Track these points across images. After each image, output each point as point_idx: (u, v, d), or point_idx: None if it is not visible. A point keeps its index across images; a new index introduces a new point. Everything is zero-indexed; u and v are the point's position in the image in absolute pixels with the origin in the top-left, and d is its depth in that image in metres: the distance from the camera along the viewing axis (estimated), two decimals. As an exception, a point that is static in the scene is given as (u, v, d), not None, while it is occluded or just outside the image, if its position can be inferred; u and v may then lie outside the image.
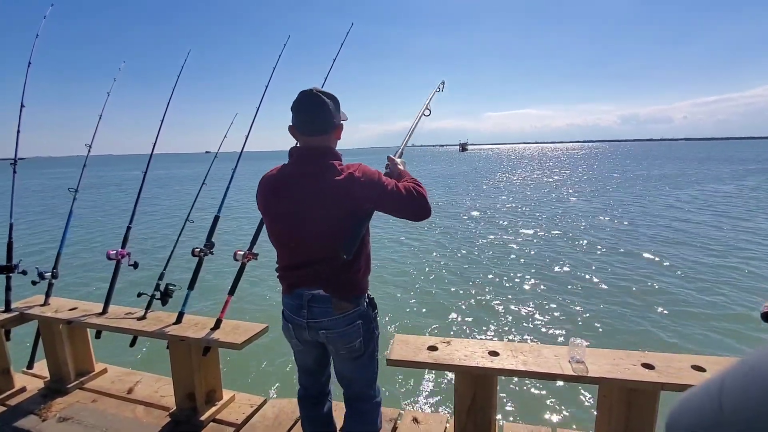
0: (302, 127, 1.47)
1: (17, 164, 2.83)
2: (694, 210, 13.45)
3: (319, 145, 1.46)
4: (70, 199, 2.85)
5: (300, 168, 1.45)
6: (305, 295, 1.47)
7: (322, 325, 1.47)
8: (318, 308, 1.47)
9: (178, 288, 2.48)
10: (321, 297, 1.46)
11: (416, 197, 1.44)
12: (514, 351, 1.90)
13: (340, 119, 1.51)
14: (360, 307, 1.51)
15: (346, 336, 1.49)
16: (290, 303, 1.53)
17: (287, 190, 1.44)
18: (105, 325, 2.35)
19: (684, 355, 1.85)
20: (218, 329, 2.16)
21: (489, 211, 14.41)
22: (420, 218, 1.47)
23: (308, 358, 1.64)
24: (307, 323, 1.48)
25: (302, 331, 1.52)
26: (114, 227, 12.16)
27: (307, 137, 1.47)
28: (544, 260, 8.06)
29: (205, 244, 2.40)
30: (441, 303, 5.95)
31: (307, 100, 1.44)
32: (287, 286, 1.53)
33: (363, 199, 1.41)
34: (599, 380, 1.72)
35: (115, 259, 2.56)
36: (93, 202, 18.75)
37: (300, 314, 1.49)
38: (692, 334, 4.81)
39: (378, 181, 1.42)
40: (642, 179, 24.94)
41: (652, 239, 9.57)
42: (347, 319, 1.48)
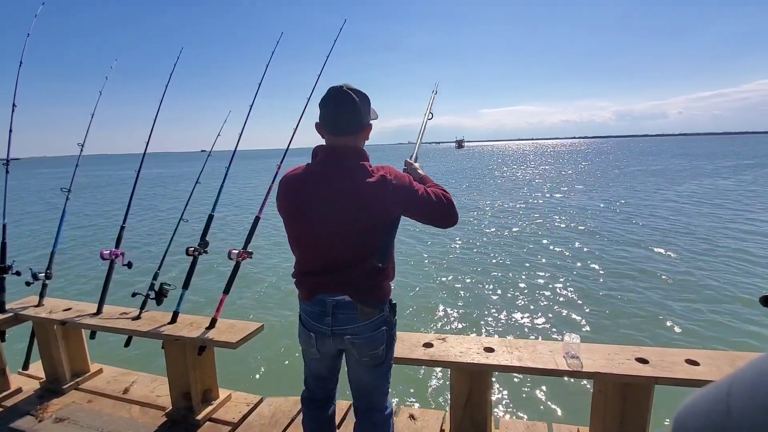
0: (330, 126, 1.40)
1: (10, 164, 2.81)
2: (689, 204, 13.52)
3: (348, 144, 1.40)
4: (63, 199, 2.84)
5: (327, 168, 1.38)
6: (329, 301, 1.40)
7: (348, 332, 1.41)
8: (343, 315, 1.40)
9: (172, 287, 2.47)
10: (346, 303, 1.39)
11: (445, 204, 1.41)
12: (509, 347, 1.91)
13: (369, 118, 1.45)
14: (384, 313, 1.46)
15: (372, 342, 1.43)
16: (311, 310, 1.44)
17: (313, 190, 1.37)
18: (99, 325, 2.35)
19: (678, 349, 1.86)
20: (213, 328, 2.16)
21: (484, 207, 14.43)
22: (448, 225, 1.44)
23: (322, 366, 1.58)
24: (332, 331, 1.41)
25: (325, 340, 1.44)
26: (108, 227, 12.10)
27: (334, 136, 1.40)
28: (540, 255, 8.08)
29: (200, 243, 2.40)
30: (438, 299, 5.96)
31: (337, 98, 1.37)
32: (308, 292, 1.44)
33: (394, 203, 1.36)
34: (594, 375, 1.73)
35: (109, 259, 2.56)
36: (87, 202, 18.63)
37: (323, 322, 1.41)
38: (688, 328, 4.84)
39: (410, 186, 1.38)
40: (637, 175, 25.01)
41: (647, 234, 9.62)
42: (373, 324, 1.42)
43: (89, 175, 42.81)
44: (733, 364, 1.73)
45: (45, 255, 2.74)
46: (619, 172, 27.27)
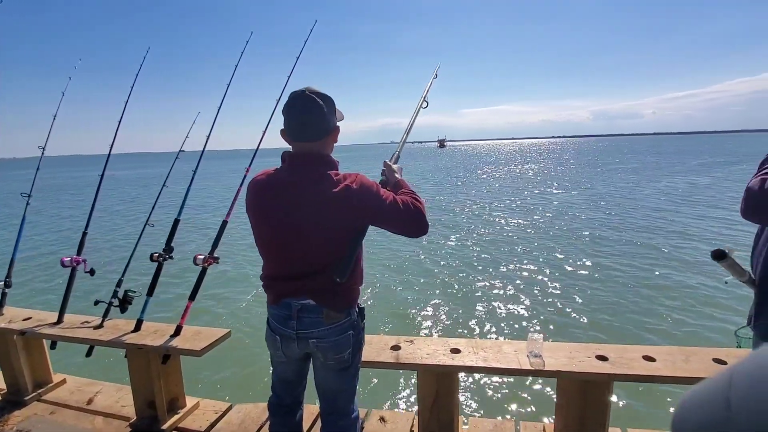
0: (294, 133, 1.37)
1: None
2: (654, 203, 13.83)
3: (313, 151, 1.38)
4: (23, 204, 2.74)
5: (293, 175, 1.36)
6: (294, 305, 1.39)
7: (313, 335, 1.40)
8: (308, 318, 1.39)
9: (137, 294, 2.41)
10: (311, 307, 1.38)
11: (414, 213, 1.37)
12: (475, 347, 1.93)
13: (335, 121, 1.43)
14: (351, 317, 1.45)
15: (337, 346, 1.43)
16: (277, 313, 1.44)
17: (280, 197, 1.36)
18: (60, 335, 2.27)
19: (636, 346, 1.92)
20: (178, 336, 2.12)
21: (455, 208, 14.48)
22: (417, 235, 1.40)
23: (289, 370, 1.57)
24: (297, 334, 1.40)
25: (290, 343, 1.43)
26: (73, 232, 11.66)
27: (300, 143, 1.38)
28: (510, 255, 8.15)
29: (164, 248, 2.35)
30: (409, 301, 5.95)
31: (300, 104, 1.34)
32: (274, 296, 1.44)
33: (359, 213, 1.35)
34: (555, 373, 1.76)
35: (70, 266, 2.48)
36: (50, 206, 17.88)
37: (288, 325, 1.41)
38: (648, 325, 4.96)
39: (375, 195, 1.35)
40: (612, 173, 25.58)
41: (616, 232, 9.78)
42: (339, 329, 1.42)
43: (60, 177, 41.32)
44: (687, 360, 1.79)
45: (4, 263, 2.64)
46: (596, 171, 27.87)
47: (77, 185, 29.15)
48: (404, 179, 1.58)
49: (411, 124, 1.94)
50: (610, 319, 5.13)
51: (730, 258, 1.38)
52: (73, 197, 21.81)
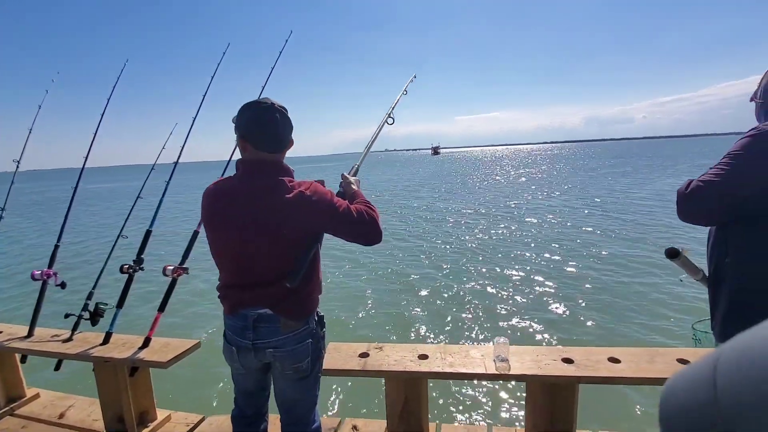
0: (257, 142, 1.37)
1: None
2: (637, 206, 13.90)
3: (268, 159, 1.39)
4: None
5: (248, 182, 1.37)
6: (250, 315, 1.38)
7: (270, 345, 1.39)
8: (265, 328, 1.39)
9: (109, 307, 2.38)
10: (268, 316, 1.38)
11: (367, 222, 1.39)
12: (443, 353, 1.93)
13: (291, 133, 1.45)
14: (309, 325, 1.45)
15: (295, 355, 1.41)
16: (233, 324, 1.42)
17: (234, 204, 1.36)
18: (29, 348, 2.24)
19: (602, 348, 1.93)
20: (147, 348, 2.10)
21: (426, 214, 14.53)
22: (370, 243, 1.41)
23: (249, 383, 1.55)
24: (254, 344, 1.39)
25: (247, 354, 1.42)
26: (46, 245, 11.38)
27: (259, 152, 1.38)
28: (481, 259, 8.16)
29: (135, 260, 2.33)
30: (383, 308, 5.91)
31: (265, 115, 1.36)
32: (230, 306, 1.42)
33: (313, 220, 1.36)
34: (521, 377, 1.77)
35: (41, 279, 2.45)
36: (23, 220, 17.64)
37: (245, 336, 1.40)
38: (614, 327, 4.97)
39: (329, 202, 1.36)
40: (595, 178, 25.67)
41: (582, 236, 9.78)
42: (297, 337, 1.41)
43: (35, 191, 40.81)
44: (652, 361, 1.81)
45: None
46: (581, 175, 28.02)
47: (53, 199, 28.88)
48: (361, 191, 1.59)
49: (374, 138, 1.98)
50: (577, 321, 5.14)
51: (682, 256, 1.42)
52: (47, 210, 21.57)
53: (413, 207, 16.35)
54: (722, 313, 1.25)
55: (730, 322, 1.23)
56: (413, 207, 16.35)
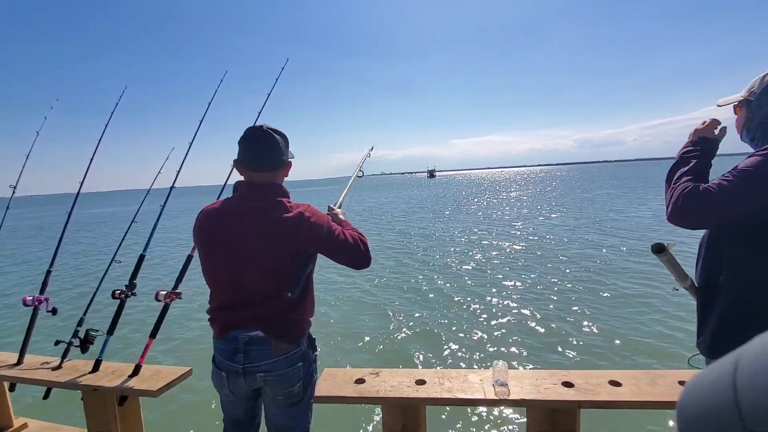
0: (251, 163, 1.41)
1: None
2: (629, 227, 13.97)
3: (266, 181, 1.42)
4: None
5: (246, 203, 1.39)
6: (241, 337, 1.37)
7: (261, 369, 1.37)
8: (256, 351, 1.37)
9: (100, 333, 2.34)
10: (259, 339, 1.37)
11: (360, 247, 1.46)
12: (441, 378, 1.89)
13: (288, 157, 1.49)
14: (301, 348, 1.44)
15: (286, 379, 1.40)
16: (223, 348, 1.41)
17: (230, 224, 1.37)
18: (17, 376, 2.18)
19: (602, 371, 1.90)
20: (137, 376, 2.04)
21: (423, 235, 14.54)
22: (361, 267, 1.48)
23: (239, 410, 1.52)
24: (244, 368, 1.37)
25: (237, 379, 1.40)
26: (37, 271, 11.05)
27: (255, 173, 1.42)
28: (478, 281, 8.09)
29: (127, 285, 2.30)
30: (380, 333, 5.82)
31: (258, 137, 1.41)
32: (220, 329, 1.41)
33: (310, 241, 1.38)
34: (520, 402, 1.73)
35: (32, 305, 2.41)
36: (17, 245, 17.52)
37: (235, 359, 1.38)
38: (614, 348, 4.90)
39: (327, 225, 1.42)
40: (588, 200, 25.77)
41: (581, 258, 9.71)
42: (289, 360, 1.39)
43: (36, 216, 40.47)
44: (653, 383, 1.78)
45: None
46: (575, 198, 28.16)
47: (50, 224, 28.67)
48: (347, 220, 1.65)
49: (349, 187, 2.09)
50: (576, 342, 5.07)
51: (668, 252, 1.38)
52: (44, 235, 21.36)
53: (409, 230, 16.34)
54: (713, 327, 1.24)
55: (722, 335, 1.22)
56: (409, 230, 16.34)
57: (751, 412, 0.27)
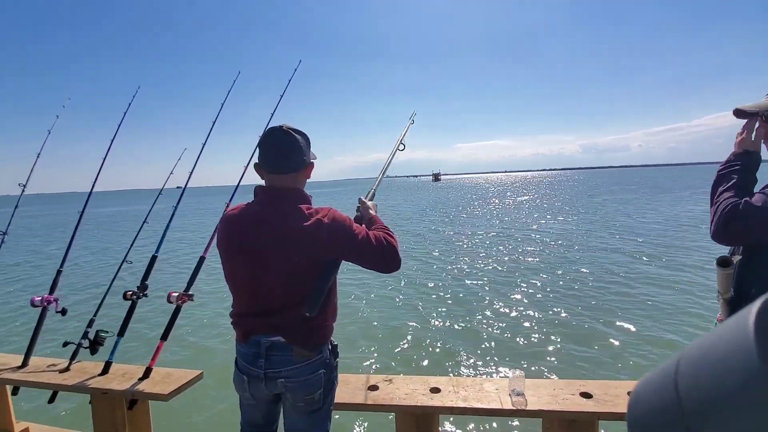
0: (270, 165, 1.38)
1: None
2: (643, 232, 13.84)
3: (286, 185, 1.40)
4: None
5: (265, 209, 1.37)
6: (263, 342, 1.35)
7: (282, 375, 1.35)
8: (277, 357, 1.35)
9: (110, 335, 2.32)
10: (281, 344, 1.35)
11: (386, 248, 1.38)
12: (456, 386, 1.85)
13: (310, 158, 1.45)
14: (323, 355, 1.41)
15: (307, 386, 1.37)
16: (245, 352, 1.39)
17: (250, 231, 1.35)
18: (22, 380, 2.16)
19: (622, 381, 1.86)
20: (147, 379, 2.02)
21: (435, 240, 14.44)
22: (389, 270, 1.39)
23: (257, 414, 1.50)
24: (265, 374, 1.35)
25: (258, 384, 1.38)
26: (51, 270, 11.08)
27: (274, 175, 1.39)
28: (492, 286, 8.02)
29: (138, 286, 2.29)
30: (394, 338, 5.77)
31: (277, 137, 1.38)
32: (243, 333, 1.40)
33: (330, 247, 1.34)
34: (537, 413, 1.69)
35: (41, 306, 2.40)
36: (27, 244, 17.52)
37: (257, 364, 1.36)
38: (633, 357, 4.82)
39: (348, 229, 1.36)
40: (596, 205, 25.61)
41: (595, 265, 9.58)
42: (310, 367, 1.37)
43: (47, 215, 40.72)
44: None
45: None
46: (582, 202, 27.96)
47: (60, 222, 28.84)
48: (378, 216, 1.59)
49: (386, 167, 2.00)
50: (595, 352, 4.99)
51: (734, 266, 1.33)
52: (54, 235, 21.49)
53: (420, 233, 16.30)
54: None
55: None
56: (420, 233, 16.30)
57: (692, 412, 0.29)
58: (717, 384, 0.28)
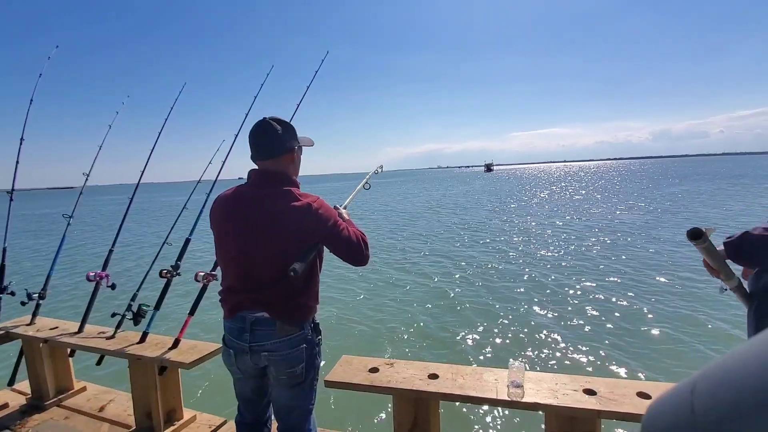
0: (255, 152, 1.53)
1: (15, 193, 3.05)
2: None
3: (274, 169, 1.52)
4: (64, 225, 3.04)
5: (256, 190, 1.49)
6: (248, 317, 1.46)
7: (265, 348, 1.45)
8: (261, 331, 1.45)
9: (150, 308, 2.58)
10: (265, 319, 1.45)
11: (361, 245, 1.53)
12: (454, 374, 1.86)
13: (293, 144, 1.56)
14: (305, 331, 1.50)
15: (289, 360, 1.47)
16: (232, 327, 1.51)
17: (241, 210, 1.47)
18: (77, 344, 2.47)
19: (631, 380, 1.77)
20: (175, 349, 2.23)
21: (460, 229, 14.24)
22: (358, 264, 1.55)
23: (246, 387, 1.61)
24: (250, 347, 1.46)
25: (244, 357, 1.49)
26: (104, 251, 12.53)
27: (260, 161, 1.53)
28: (518, 280, 7.79)
29: (173, 265, 2.51)
30: (400, 324, 5.82)
31: (257, 127, 1.52)
32: (229, 309, 1.51)
33: (315, 231, 1.45)
34: (533, 405, 1.66)
35: (94, 280, 2.71)
36: (88, 226, 19.68)
37: (242, 338, 1.47)
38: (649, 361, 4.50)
39: (333, 218, 1.49)
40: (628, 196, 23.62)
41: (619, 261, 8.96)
42: (292, 342, 1.46)
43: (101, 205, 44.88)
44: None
45: (42, 276, 2.93)
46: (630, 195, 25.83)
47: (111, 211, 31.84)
48: (351, 220, 1.70)
49: (354, 195, 2.14)
50: (606, 352, 4.71)
51: (707, 238, 1.21)
52: (108, 220, 23.84)
53: (452, 222, 16.15)
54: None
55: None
56: (452, 222, 16.15)
57: (707, 431, 0.29)
58: (735, 405, 0.28)
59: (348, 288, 7.77)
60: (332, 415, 3.50)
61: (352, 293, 7.45)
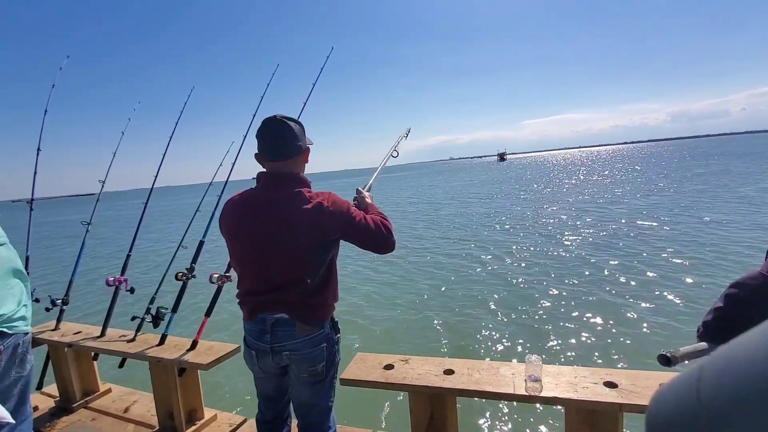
0: (268, 153, 1.49)
1: (35, 202, 3.13)
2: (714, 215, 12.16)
3: (285, 170, 1.49)
4: (83, 232, 3.12)
5: (267, 193, 1.48)
6: (268, 319, 1.47)
7: (287, 348, 1.46)
8: (282, 331, 1.46)
9: (169, 311, 2.62)
10: (285, 320, 1.46)
11: (382, 231, 1.48)
12: (470, 369, 1.84)
13: (305, 143, 1.55)
14: (325, 330, 1.51)
15: (310, 358, 1.48)
16: (253, 329, 1.52)
17: (253, 214, 1.46)
18: (100, 347, 2.53)
19: (654, 372, 1.72)
20: (193, 350, 2.26)
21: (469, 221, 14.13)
22: (383, 252, 1.50)
23: (268, 386, 1.63)
24: (271, 348, 1.47)
25: (265, 357, 1.50)
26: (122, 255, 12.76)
27: (273, 162, 1.50)
28: (532, 271, 7.66)
29: (187, 268, 2.54)
30: (416, 317, 5.81)
31: (272, 126, 1.48)
32: (249, 311, 1.52)
33: (330, 229, 1.43)
34: (552, 400, 1.63)
35: (114, 285, 2.77)
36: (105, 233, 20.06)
37: (263, 339, 1.48)
38: None
39: (347, 212, 1.45)
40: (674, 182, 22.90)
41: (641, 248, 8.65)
42: (313, 341, 1.47)
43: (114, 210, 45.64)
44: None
45: (64, 282, 3.00)
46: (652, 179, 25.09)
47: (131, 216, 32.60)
48: (373, 204, 1.66)
49: (380, 168, 2.09)
50: (630, 345, 4.59)
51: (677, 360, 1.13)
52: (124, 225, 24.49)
53: (461, 213, 16.02)
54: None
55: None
56: (461, 213, 16.02)
57: (715, 420, 0.29)
58: (741, 392, 0.28)
59: (360, 283, 7.80)
60: (349, 411, 3.53)
61: (364, 289, 7.47)
